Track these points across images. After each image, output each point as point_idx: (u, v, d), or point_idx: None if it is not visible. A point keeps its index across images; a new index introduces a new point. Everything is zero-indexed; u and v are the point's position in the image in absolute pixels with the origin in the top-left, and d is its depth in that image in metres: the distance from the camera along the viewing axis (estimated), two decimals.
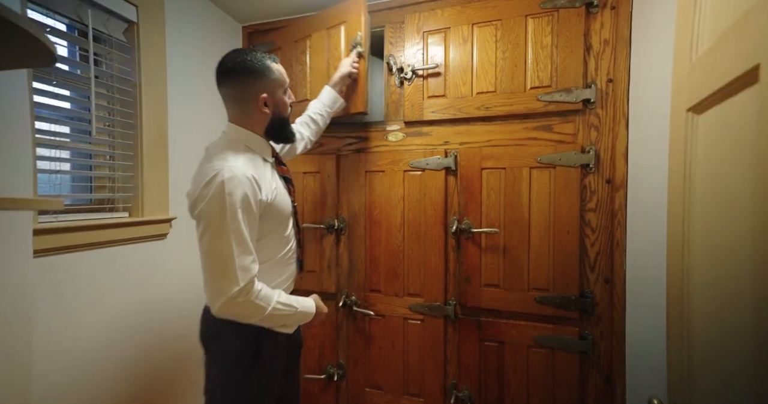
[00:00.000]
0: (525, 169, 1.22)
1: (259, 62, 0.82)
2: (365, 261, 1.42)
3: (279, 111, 0.87)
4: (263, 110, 0.84)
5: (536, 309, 1.21)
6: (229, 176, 0.73)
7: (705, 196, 0.51)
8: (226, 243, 0.72)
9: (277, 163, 0.94)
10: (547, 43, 1.18)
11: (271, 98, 0.85)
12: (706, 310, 0.50)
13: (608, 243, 1.15)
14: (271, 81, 0.84)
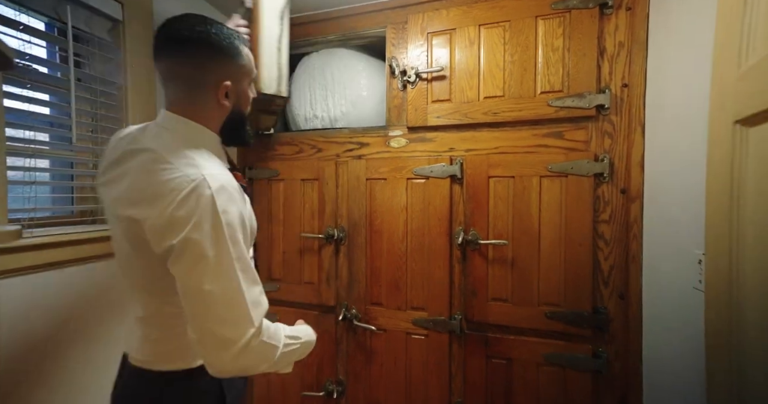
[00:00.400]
0: (535, 178, 1.16)
1: (227, 40, 0.64)
2: (366, 272, 1.35)
3: (241, 105, 0.70)
4: (222, 102, 0.65)
5: (546, 325, 1.15)
6: (216, 187, 0.56)
7: (758, 216, 0.46)
8: (230, 277, 0.56)
9: (231, 169, 0.74)
10: (559, 46, 1.12)
11: (235, 88, 0.66)
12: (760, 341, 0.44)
13: (623, 257, 1.09)
14: (239, 67, 0.66)
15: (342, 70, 1.46)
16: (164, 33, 0.62)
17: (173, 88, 0.64)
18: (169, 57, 0.62)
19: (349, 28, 1.40)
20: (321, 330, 1.42)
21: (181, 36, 0.61)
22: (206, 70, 0.63)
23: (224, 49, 0.63)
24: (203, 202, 0.55)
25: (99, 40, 0.98)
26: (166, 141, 0.61)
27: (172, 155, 0.58)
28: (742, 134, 0.49)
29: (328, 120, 1.48)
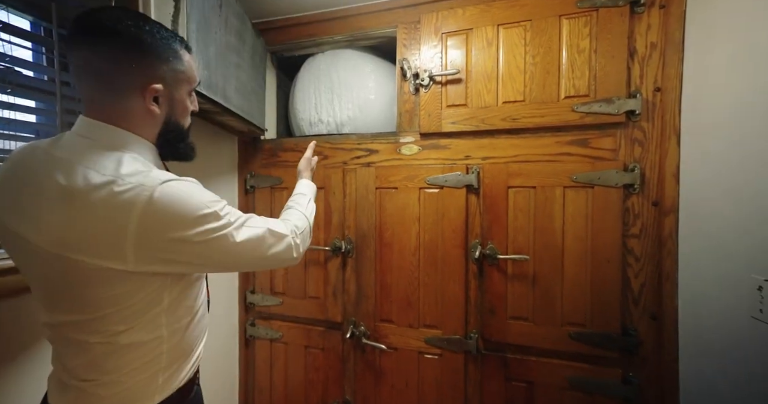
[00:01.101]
0: (558, 189, 1.08)
1: (163, 40, 0.56)
2: (375, 287, 1.27)
3: (176, 115, 0.61)
4: (150, 107, 0.56)
5: (571, 347, 1.07)
6: (167, 180, 0.50)
7: None
8: (244, 232, 0.59)
9: None
10: (585, 47, 1.04)
11: (168, 94, 0.57)
12: None
13: (655, 275, 1.01)
14: (175, 72, 0.57)
15: (349, 72, 1.38)
16: (85, 20, 0.52)
17: (91, 87, 0.53)
18: (84, 44, 0.52)
19: (357, 27, 1.32)
20: (327, 348, 1.34)
21: (102, 26, 0.51)
22: (131, 69, 0.53)
23: (157, 48, 0.55)
24: (154, 202, 0.48)
25: None
26: (75, 146, 0.52)
27: (86, 162, 0.49)
28: None
29: (334, 125, 1.40)
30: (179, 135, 0.63)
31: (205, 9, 0.89)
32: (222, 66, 0.99)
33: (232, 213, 0.59)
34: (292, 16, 1.37)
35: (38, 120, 0.86)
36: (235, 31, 1.07)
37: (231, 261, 0.60)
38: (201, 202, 0.53)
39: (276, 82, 1.54)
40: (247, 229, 0.60)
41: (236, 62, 1.09)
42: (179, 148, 0.64)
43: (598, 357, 1.05)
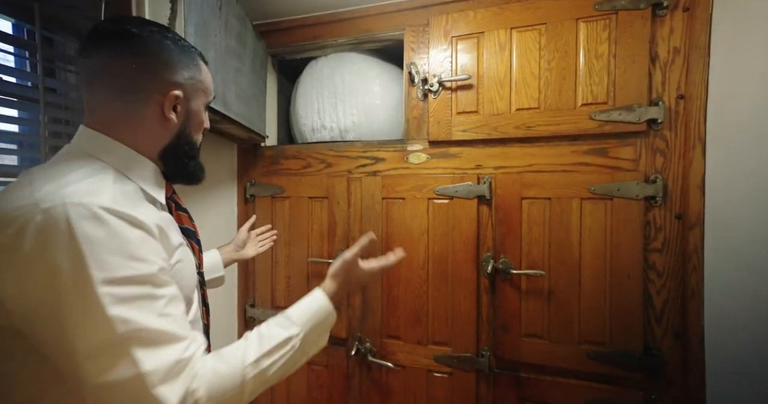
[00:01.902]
0: (575, 200, 1.03)
1: (184, 47, 0.53)
2: (382, 302, 1.22)
3: (191, 127, 0.56)
4: (169, 115, 0.51)
5: (589, 367, 1.02)
6: (74, 202, 0.40)
7: None
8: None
9: (176, 208, 0.61)
10: (603, 52, 0.99)
11: (186, 103, 0.53)
12: None
13: (679, 291, 0.96)
14: (196, 81, 0.54)
15: (354, 76, 1.33)
16: (109, 24, 0.50)
17: (103, 93, 0.49)
18: (111, 50, 0.49)
19: (363, 30, 1.27)
20: (331, 365, 1.28)
21: (128, 30, 0.49)
22: (153, 73, 0.50)
23: (179, 55, 0.52)
24: (42, 230, 0.39)
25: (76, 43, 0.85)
26: (54, 166, 0.46)
27: (40, 173, 0.44)
28: None
29: (338, 131, 1.35)
30: (191, 151, 0.57)
31: (204, 10, 0.83)
32: (222, 71, 0.94)
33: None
34: (295, 18, 1.31)
35: (21, 130, 0.80)
36: (235, 34, 1.01)
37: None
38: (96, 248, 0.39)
39: (277, 86, 1.48)
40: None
41: (236, 67, 1.04)
42: (189, 166, 0.58)
43: (618, 377, 1.00)
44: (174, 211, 0.60)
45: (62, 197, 0.40)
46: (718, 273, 0.90)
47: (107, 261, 0.39)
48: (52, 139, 0.78)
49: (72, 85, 0.86)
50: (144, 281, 0.42)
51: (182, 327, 0.45)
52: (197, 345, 0.46)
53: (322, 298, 0.62)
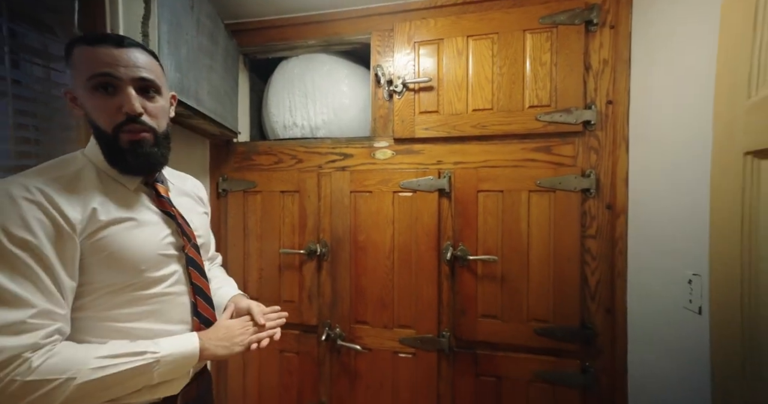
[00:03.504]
0: (524, 193, 1.15)
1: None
2: (350, 290, 1.29)
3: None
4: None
5: (536, 342, 1.14)
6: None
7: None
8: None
9: (157, 195, 0.67)
10: (547, 60, 1.12)
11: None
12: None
13: (609, 272, 1.10)
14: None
15: (323, 77, 1.39)
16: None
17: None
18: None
19: (332, 33, 1.33)
20: (302, 351, 1.34)
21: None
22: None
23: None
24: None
25: (43, 36, 0.86)
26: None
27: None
28: (753, 165, 0.48)
29: (309, 128, 1.41)
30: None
31: (177, 9, 0.87)
32: (194, 68, 0.98)
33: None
34: (266, 19, 1.36)
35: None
36: (207, 33, 1.05)
37: None
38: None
39: (249, 84, 1.52)
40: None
41: (209, 64, 1.07)
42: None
43: (560, 350, 1.13)
44: (155, 198, 0.67)
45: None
46: (638, 255, 1.04)
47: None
48: (18, 130, 0.80)
49: (36, 77, 0.87)
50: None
51: (40, 298, 0.51)
52: (57, 324, 0.52)
53: (195, 342, 0.62)
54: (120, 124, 0.59)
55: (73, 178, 0.58)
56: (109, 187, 0.62)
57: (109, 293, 0.59)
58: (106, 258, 0.57)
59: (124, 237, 0.60)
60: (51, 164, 0.60)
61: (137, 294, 0.61)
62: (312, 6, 1.30)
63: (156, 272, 0.62)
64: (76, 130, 0.91)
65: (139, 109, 0.60)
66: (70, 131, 0.90)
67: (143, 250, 0.61)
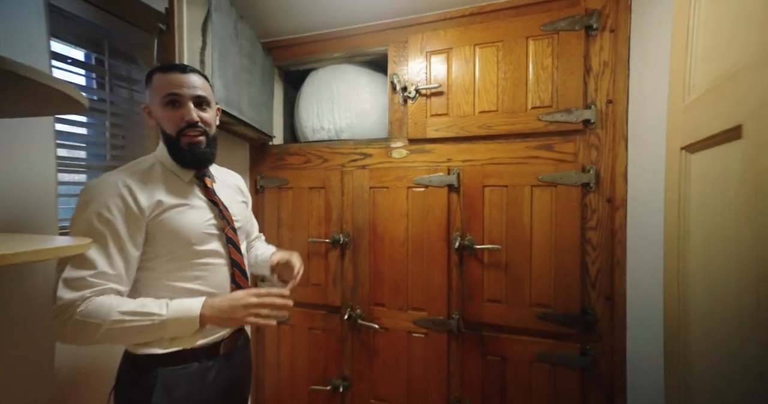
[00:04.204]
0: (527, 187, 1.24)
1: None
2: (369, 275, 1.45)
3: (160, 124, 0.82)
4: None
5: (538, 326, 1.23)
6: (90, 182, 0.75)
7: (698, 230, 0.54)
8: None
9: (204, 187, 0.86)
10: (548, 65, 1.21)
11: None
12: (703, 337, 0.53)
13: (609, 262, 1.17)
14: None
15: (347, 85, 1.56)
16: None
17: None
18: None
19: (354, 46, 1.50)
20: (327, 329, 1.52)
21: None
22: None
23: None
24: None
25: (129, 66, 1.10)
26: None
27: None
28: (686, 159, 0.57)
29: (334, 131, 1.58)
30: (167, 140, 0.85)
31: (225, 39, 1.07)
32: (237, 85, 1.18)
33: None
34: (297, 36, 1.55)
35: (89, 133, 1.05)
36: (248, 54, 1.26)
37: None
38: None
39: (282, 93, 1.72)
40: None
41: (248, 80, 1.28)
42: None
43: (561, 334, 1.21)
44: (203, 189, 0.86)
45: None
46: (635, 246, 1.10)
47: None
48: (112, 138, 1.04)
49: (123, 97, 1.11)
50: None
51: (103, 263, 0.69)
52: (109, 284, 0.70)
53: (196, 309, 0.72)
54: (182, 129, 0.79)
55: (146, 172, 0.79)
56: (170, 179, 0.82)
57: (168, 260, 0.78)
58: (167, 233, 0.77)
59: (180, 218, 0.79)
60: (132, 163, 0.82)
61: (187, 263, 0.79)
62: (336, 23, 1.47)
63: (202, 246, 0.81)
64: (149, 138, 1.14)
65: (195, 118, 0.79)
66: (145, 139, 1.14)
67: (192, 228, 0.80)
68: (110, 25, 0.96)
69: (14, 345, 0.71)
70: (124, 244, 0.72)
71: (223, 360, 0.84)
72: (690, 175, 0.56)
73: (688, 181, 0.56)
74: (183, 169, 0.83)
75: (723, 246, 0.45)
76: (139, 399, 0.73)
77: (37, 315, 0.74)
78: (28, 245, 0.45)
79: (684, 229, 0.57)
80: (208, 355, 0.81)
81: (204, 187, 0.86)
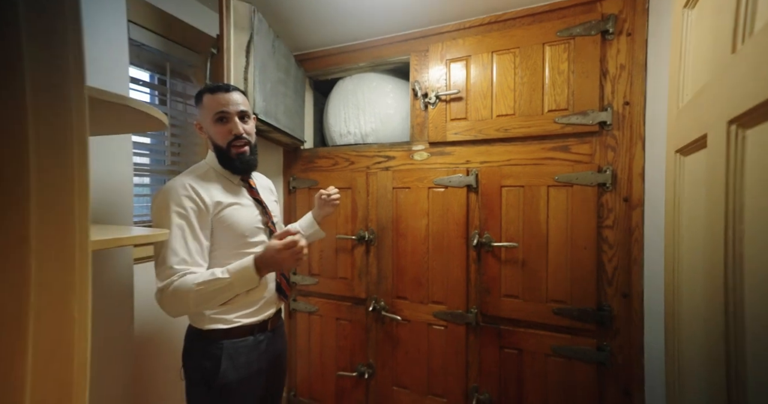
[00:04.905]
0: (543, 187, 1.29)
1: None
2: (392, 270, 1.55)
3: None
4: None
5: (554, 320, 1.27)
6: (166, 184, 0.89)
7: (686, 231, 0.59)
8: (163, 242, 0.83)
9: (249, 188, 1.02)
10: (564, 69, 1.25)
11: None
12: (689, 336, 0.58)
13: (626, 260, 1.19)
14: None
15: (372, 91, 1.67)
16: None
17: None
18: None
19: (378, 56, 1.61)
20: (353, 320, 1.64)
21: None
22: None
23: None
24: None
25: (184, 84, 1.27)
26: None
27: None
28: (680, 161, 0.62)
29: (360, 135, 1.70)
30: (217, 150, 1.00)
31: (264, 57, 1.22)
32: (274, 97, 1.32)
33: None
34: (326, 49, 1.68)
35: (151, 142, 1.23)
36: (283, 68, 1.40)
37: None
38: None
39: (313, 100, 1.87)
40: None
41: (284, 91, 1.42)
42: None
43: (577, 328, 1.25)
44: (249, 190, 1.01)
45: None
46: (652, 244, 1.12)
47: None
48: (171, 146, 1.21)
49: (178, 111, 1.29)
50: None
51: (183, 250, 0.85)
52: (190, 268, 0.85)
53: (251, 264, 0.85)
54: (230, 141, 0.93)
55: (204, 176, 0.94)
56: (222, 181, 0.97)
57: (226, 250, 0.92)
58: (226, 228, 0.91)
59: (236, 214, 0.93)
60: (191, 169, 0.97)
61: (241, 252, 0.94)
62: (361, 35, 1.58)
63: (252, 238, 0.95)
64: (200, 145, 1.31)
65: (242, 131, 0.94)
66: (197, 146, 1.31)
67: (245, 223, 0.94)
68: (171, 50, 1.13)
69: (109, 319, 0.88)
70: (197, 236, 0.87)
71: (271, 335, 0.99)
72: (684, 177, 0.61)
73: (681, 183, 0.61)
74: (232, 174, 0.98)
75: (696, 248, 0.51)
76: (209, 366, 0.87)
77: (121, 295, 0.91)
78: (126, 232, 0.59)
79: (677, 229, 0.62)
80: (260, 330, 0.95)
81: (249, 187, 1.00)
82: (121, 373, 0.91)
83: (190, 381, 0.90)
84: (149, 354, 1.12)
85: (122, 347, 0.91)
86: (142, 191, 1.19)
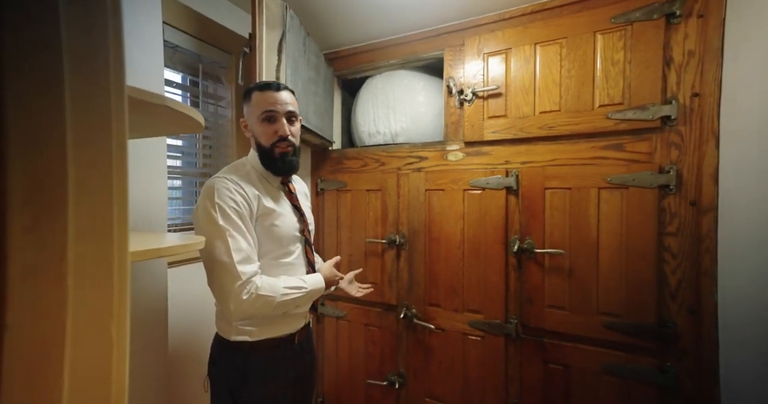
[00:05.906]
0: (593, 190, 1.18)
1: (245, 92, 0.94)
2: (425, 276, 1.48)
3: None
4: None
5: (605, 335, 1.16)
6: (211, 182, 0.85)
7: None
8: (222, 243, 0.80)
9: (288, 192, 0.99)
10: (619, 59, 1.13)
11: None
12: None
13: (693, 271, 1.06)
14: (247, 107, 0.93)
15: (402, 89, 1.60)
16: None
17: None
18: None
19: (409, 52, 1.54)
20: (383, 326, 1.58)
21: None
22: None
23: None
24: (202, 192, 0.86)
25: (215, 85, 1.26)
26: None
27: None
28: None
29: (390, 135, 1.64)
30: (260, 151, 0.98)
31: (295, 55, 1.18)
32: (305, 96, 1.29)
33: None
34: (355, 46, 1.63)
35: (183, 144, 1.23)
36: (314, 67, 1.36)
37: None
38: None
39: (341, 100, 1.82)
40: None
41: (314, 90, 1.38)
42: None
43: (632, 345, 1.13)
44: (288, 194, 0.98)
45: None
46: (730, 254, 0.99)
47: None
48: (203, 149, 1.20)
49: (210, 112, 1.28)
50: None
51: (246, 246, 0.83)
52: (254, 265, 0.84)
53: (321, 278, 0.96)
54: (275, 142, 0.90)
55: (246, 175, 0.91)
56: (263, 183, 0.93)
57: (264, 256, 0.88)
58: (266, 232, 0.88)
59: (277, 219, 0.90)
60: (234, 166, 0.93)
61: (279, 261, 0.91)
62: (392, 31, 1.52)
63: (290, 246, 0.92)
64: (230, 148, 1.30)
65: (287, 132, 0.90)
66: (228, 148, 1.29)
67: (285, 230, 0.91)
68: (203, 51, 1.12)
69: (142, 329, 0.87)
70: (251, 231, 0.85)
71: (298, 348, 0.94)
72: None
73: None
74: (273, 176, 0.95)
75: None
76: (236, 378, 0.84)
77: (156, 303, 0.90)
78: (164, 241, 0.56)
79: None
80: (287, 343, 0.91)
81: (289, 192, 0.97)
82: (153, 397, 0.89)
83: (215, 391, 0.88)
84: (178, 361, 1.11)
85: (155, 359, 0.90)
86: (174, 194, 1.19)
